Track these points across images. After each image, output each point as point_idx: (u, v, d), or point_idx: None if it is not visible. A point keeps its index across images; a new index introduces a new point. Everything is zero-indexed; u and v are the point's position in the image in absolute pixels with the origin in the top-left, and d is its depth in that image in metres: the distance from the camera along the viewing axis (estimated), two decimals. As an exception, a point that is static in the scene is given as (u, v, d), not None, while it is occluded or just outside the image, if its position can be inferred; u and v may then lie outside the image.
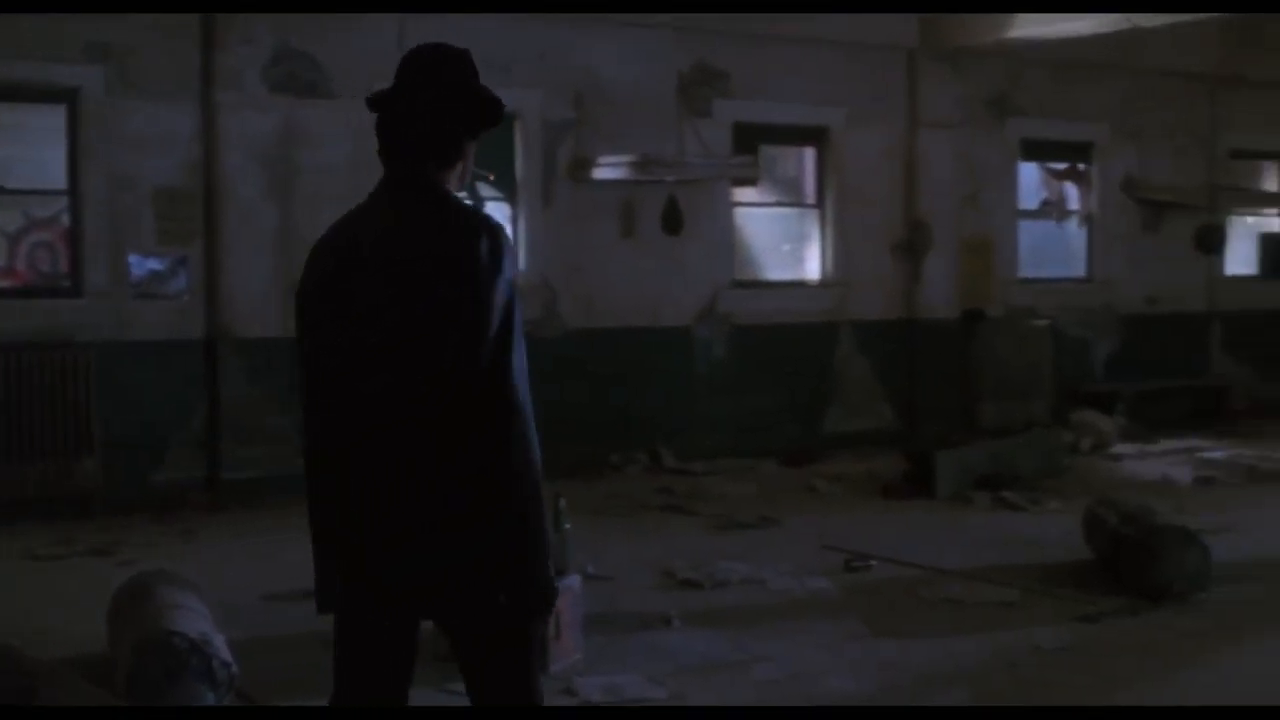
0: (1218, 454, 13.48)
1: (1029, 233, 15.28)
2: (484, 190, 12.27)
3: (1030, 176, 15.39)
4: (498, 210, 12.54)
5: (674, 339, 13.12)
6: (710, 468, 12.48)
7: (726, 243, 13.43)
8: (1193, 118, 15.83)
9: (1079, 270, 15.66)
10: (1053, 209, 15.51)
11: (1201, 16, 12.69)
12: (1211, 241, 15.45)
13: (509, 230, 12.49)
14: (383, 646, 3.59)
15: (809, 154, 14.07)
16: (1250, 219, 16.81)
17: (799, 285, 13.89)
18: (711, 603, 7.83)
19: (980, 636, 7.12)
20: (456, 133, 3.60)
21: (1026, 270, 15.15)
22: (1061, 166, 15.63)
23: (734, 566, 8.57)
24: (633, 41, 12.71)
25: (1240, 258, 16.60)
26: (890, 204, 14.13)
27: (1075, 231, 15.63)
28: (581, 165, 12.46)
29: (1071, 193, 15.66)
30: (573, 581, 6.59)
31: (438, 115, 3.56)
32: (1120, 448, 13.69)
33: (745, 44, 13.11)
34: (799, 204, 14.16)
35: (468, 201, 3.87)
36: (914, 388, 14.18)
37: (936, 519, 10.38)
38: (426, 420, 3.41)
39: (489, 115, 3.63)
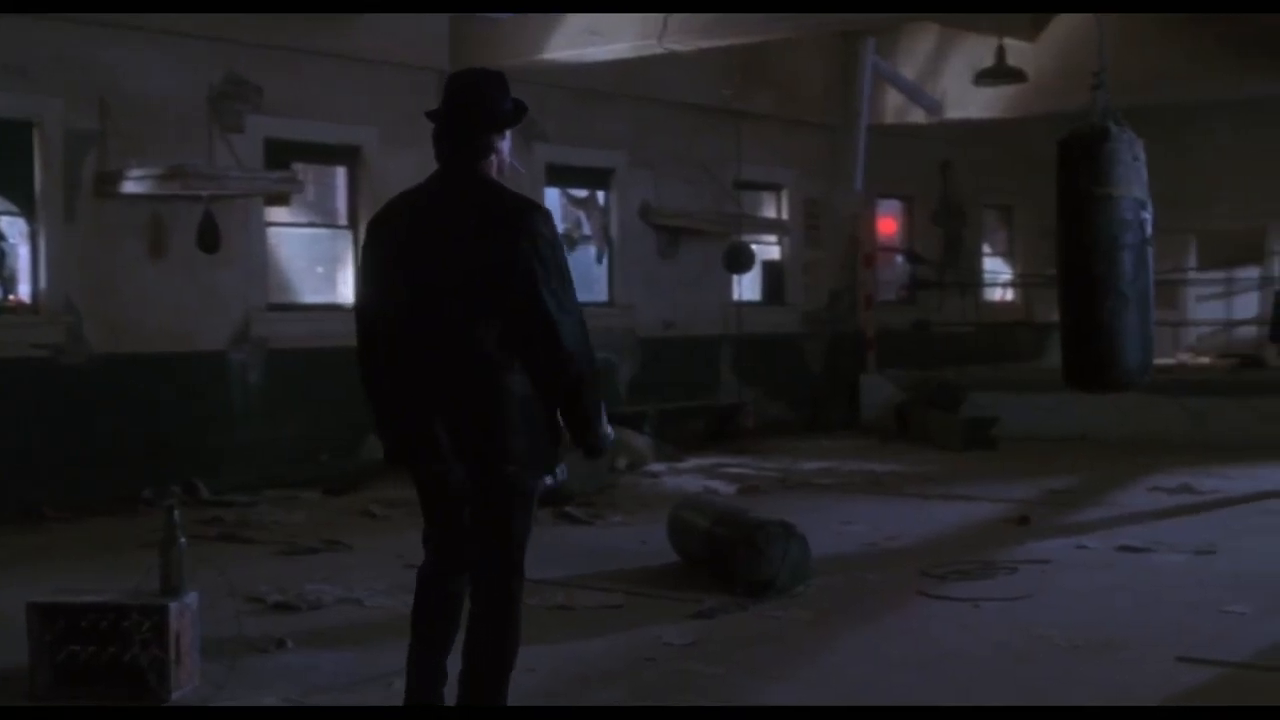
0: (742, 469, 14.07)
1: (556, 257, 15.40)
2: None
3: (554, 201, 15.55)
4: (12, 226, 11.60)
5: (208, 365, 12.45)
6: (253, 499, 11.87)
7: (260, 264, 12.89)
8: (705, 147, 16.44)
9: (601, 295, 15.96)
10: (588, 237, 15.73)
11: (728, 43, 13.21)
12: (741, 262, 16.11)
13: (26, 250, 11.63)
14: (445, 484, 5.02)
15: (341, 174, 13.70)
16: (754, 247, 17.61)
17: (334, 309, 13.34)
18: (315, 624, 7.41)
19: (606, 638, 7.04)
20: (487, 132, 4.85)
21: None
22: (582, 194, 15.89)
23: (323, 588, 8.17)
24: (163, 50, 12.00)
25: (747, 284, 17.39)
26: (424, 226, 13.89)
27: (597, 256, 15.90)
28: (108, 179, 11.63)
29: (587, 219, 15.94)
30: (191, 600, 6.06)
31: (471, 120, 4.84)
32: (654, 465, 14.02)
33: (279, 58, 12.66)
34: (332, 225, 13.76)
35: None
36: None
37: (507, 535, 10.23)
38: (484, 337, 4.72)
39: (515, 116, 4.91)
